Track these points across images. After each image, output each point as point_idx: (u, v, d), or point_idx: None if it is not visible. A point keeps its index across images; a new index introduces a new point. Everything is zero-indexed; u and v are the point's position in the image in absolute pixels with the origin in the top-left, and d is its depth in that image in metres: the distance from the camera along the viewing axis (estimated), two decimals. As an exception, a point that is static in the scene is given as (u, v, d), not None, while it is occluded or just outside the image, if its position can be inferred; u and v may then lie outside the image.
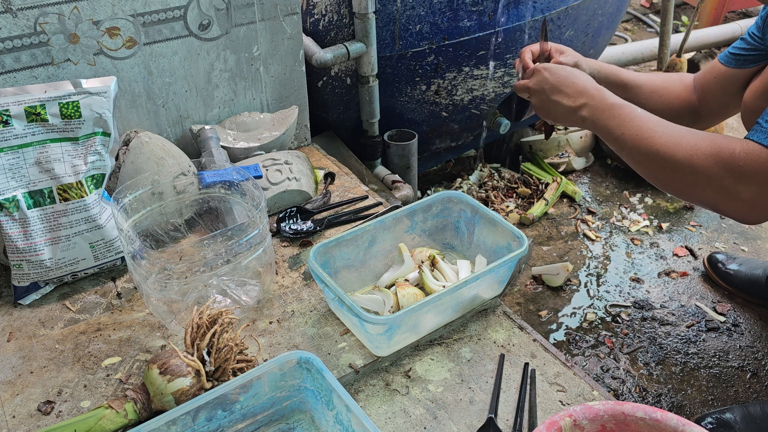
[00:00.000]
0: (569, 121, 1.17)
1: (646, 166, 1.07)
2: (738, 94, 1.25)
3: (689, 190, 1.03)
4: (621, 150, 1.09)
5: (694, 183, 1.01)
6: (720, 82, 1.29)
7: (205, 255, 0.97)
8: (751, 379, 1.52)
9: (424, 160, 2.11)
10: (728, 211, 1.01)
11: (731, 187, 0.97)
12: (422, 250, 1.16)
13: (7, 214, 1.06)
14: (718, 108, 1.32)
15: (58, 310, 1.12)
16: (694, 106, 1.34)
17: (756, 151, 0.94)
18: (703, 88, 1.33)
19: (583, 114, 1.12)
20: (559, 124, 1.21)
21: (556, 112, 1.18)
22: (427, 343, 1.05)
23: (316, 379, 0.85)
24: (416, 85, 1.80)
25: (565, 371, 1.00)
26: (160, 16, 1.27)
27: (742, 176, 0.95)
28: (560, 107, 1.16)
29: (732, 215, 1.02)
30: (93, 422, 0.85)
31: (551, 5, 1.82)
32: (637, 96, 1.33)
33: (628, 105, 1.10)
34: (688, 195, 1.05)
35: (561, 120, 1.18)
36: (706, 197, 1.01)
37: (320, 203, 1.37)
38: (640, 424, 0.75)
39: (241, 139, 1.42)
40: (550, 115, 1.20)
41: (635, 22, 3.66)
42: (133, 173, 1.21)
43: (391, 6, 1.64)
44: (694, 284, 1.80)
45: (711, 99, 1.32)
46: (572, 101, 1.14)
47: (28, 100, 1.04)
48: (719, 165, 0.97)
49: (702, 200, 1.03)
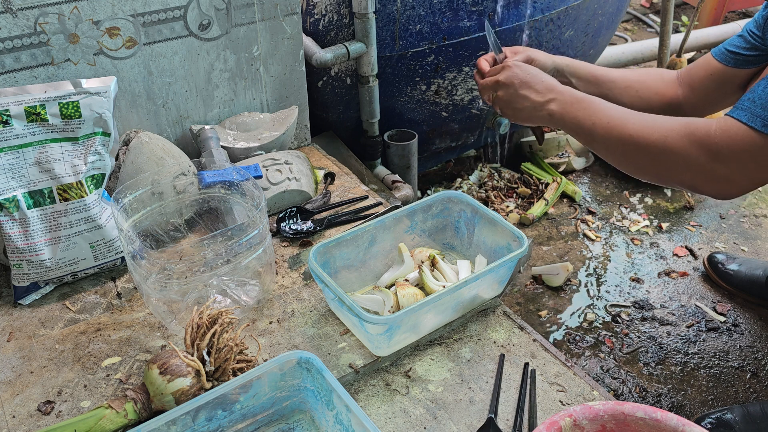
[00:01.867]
0: (534, 117, 1.15)
1: (621, 154, 1.07)
2: (735, 93, 1.24)
3: (666, 173, 1.03)
4: (592, 141, 1.09)
5: (670, 165, 1.00)
6: (716, 79, 1.26)
7: (205, 255, 0.97)
8: (751, 379, 1.52)
9: (424, 160, 2.11)
10: (706, 190, 1.01)
11: (707, 165, 0.96)
12: (422, 250, 1.16)
13: (7, 214, 1.06)
14: (707, 104, 1.29)
15: (58, 310, 1.12)
16: (676, 101, 1.31)
17: (734, 128, 0.93)
18: (694, 83, 1.29)
19: (551, 108, 1.12)
20: (521, 121, 1.19)
21: (521, 106, 1.16)
22: (427, 343, 1.05)
23: (316, 379, 0.85)
24: (416, 85, 1.80)
25: (565, 371, 1.00)
26: (160, 16, 1.27)
27: (719, 154, 0.94)
28: (527, 101, 1.15)
29: (709, 193, 1.02)
30: (93, 422, 0.85)
31: (551, 5, 1.82)
32: (611, 91, 1.30)
33: (597, 98, 1.10)
34: (665, 178, 1.05)
35: (524, 116, 1.17)
36: (683, 178, 1.01)
37: (320, 203, 1.37)
38: (640, 424, 0.75)
39: (241, 139, 1.42)
40: (515, 110, 1.18)
41: (635, 22, 3.66)
42: (133, 173, 1.21)
43: (391, 6, 1.64)
44: (694, 284, 1.80)
45: (702, 94, 1.28)
46: (541, 96, 1.13)
47: (28, 100, 1.04)
48: (695, 144, 0.96)
49: (680, 181, 1.03)
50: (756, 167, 0.94)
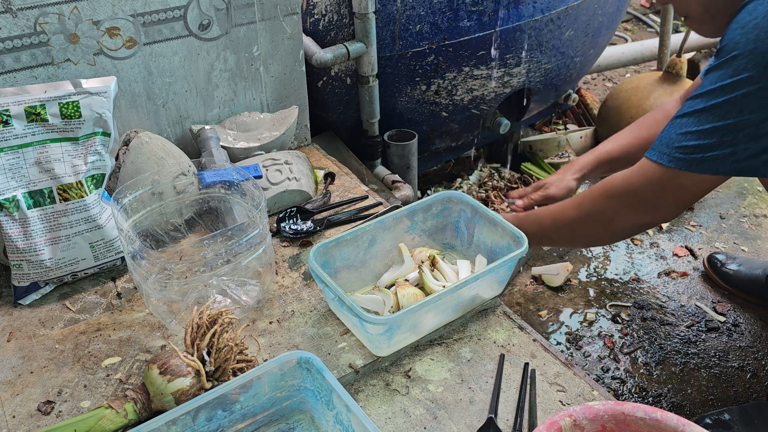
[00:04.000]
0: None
1: (573, 238, 1.25)
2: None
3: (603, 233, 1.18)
4: (553, 242, 1.28)
5: (605, 224, 1.14)
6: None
7: (205, 255, 0.97)
8: (751, 379, 1.52)
9: (424, 160, 2.11)
10: (650, 225, 1.14)
11: (630, 208, 1.09)
12: (422, 250, 1.16)
13: (7, 214, 1.06)
14: None
15: (58, 310, 1.12)
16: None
17: (648, 168, 1.05)
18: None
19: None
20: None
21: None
22: (427, 343, 1.05)
23: (316, 379, 0.85)
24: (416, 85, 1.80)
25: (565, 371, 1.00)
26: (160, 16, 1.27)
27: (638, 192, 1.06)
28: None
29: (654, 223, 1.14)
30: (93, 422, 0.85)
31: (551, 5, 1.82)
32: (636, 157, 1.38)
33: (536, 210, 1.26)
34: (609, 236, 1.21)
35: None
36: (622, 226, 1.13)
37: (320, 203, 1.37)
38: (640, 424, 0.75)
39: (241, 139, 1.42)
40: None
41: (635, 22, 3.66)
42: (133, 173, 1.21)
43: (391, 6, 1.64)
44: (694, 284, 1.80)
45: None
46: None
47: (28, 100, 1.04)
48: (609, 197, 1.11)
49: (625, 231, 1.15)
50: (676, 194, 1.04)
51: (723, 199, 2.14)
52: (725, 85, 0.94)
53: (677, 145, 1.00)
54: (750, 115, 0.93)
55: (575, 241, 1.41)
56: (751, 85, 0.92)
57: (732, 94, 0.93)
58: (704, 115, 0.97)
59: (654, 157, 1.03)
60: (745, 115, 0.93)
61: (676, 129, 1.01)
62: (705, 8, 1.07)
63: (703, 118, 0.97)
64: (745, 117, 0.93)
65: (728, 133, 0.95)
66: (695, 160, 0.98)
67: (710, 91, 0.96)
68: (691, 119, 0.98)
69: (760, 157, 0.96)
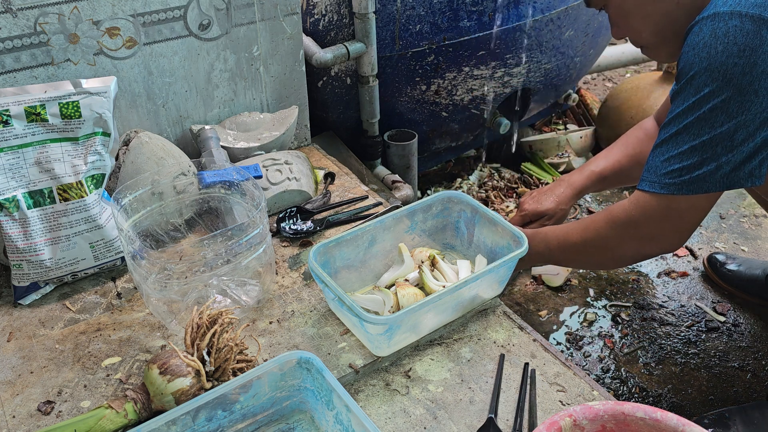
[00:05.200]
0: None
1: (579, 262, 1.29)
2: None
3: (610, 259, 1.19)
4: (560, 263, 1.26)
5: (607, 251, 1.15)
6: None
7: (205, 255, 0.97)
8: (751, 379, 1.52)
9: (424, 160, 2.11)
10: (653, 252, 1.13)
11: (635, 237, 1.10)
12: (422, 250, 1.16)
13: (7, 214, 1.06)
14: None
15: (58, 310, 1.12)
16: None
17: (642, 199, 1.06)
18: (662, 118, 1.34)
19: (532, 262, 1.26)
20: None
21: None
22: (427, 343, 1.05)
23: (316, 379, 0.85)
24: (416, 85, 1.80)
25: (565, 371, 1.00)
26: (160, 16, 1.27)
27: (638, 224, 1.08)
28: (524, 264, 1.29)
29: (656, 253, 1.14)
30: (93, 422, 0.85)
31: (551, 5, 1.82)
32: (630, 175, 1.41)
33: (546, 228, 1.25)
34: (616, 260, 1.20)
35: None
36: (626, 254, 1.14)
37: (320, 203, 1.37)
38: (640, 424, 0.75)
39: (241, 139, 1.42)
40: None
41: (635, 22, 3.65)
42: (133, 173, 1.21)
43: (391, 6, 1.64)
44: (694, 284, 1.80)
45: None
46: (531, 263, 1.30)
47: (28, 100, 1.04)
48: (616, 226, 1.11)
49: (629, 257, 1.15)
50: (675, 221, 1.06)
51: (723, 199, 2.14)
52: (691, 104, 0.97)
53: (663, 171, 1.02)
54: (721, 128, 0.95)
55: (582, 265, 1.47)
56: (715, 98, 0.95)
57: (700, 110, 0.96)
58: (680, 137, 0.99)
59: (646, 187, 1.05)
60: (716, 129, 0.96)
61: (659, 157, 1.03)
62: (656, 36, 1.10)
63: (679, 140, 1.00)
64: (717, 131, 0.96)
65: (706, 149, 0.97)
66: (684, 182, 1.00)
67: (679, 114, 0.99)
68: (669, 144, 1.01)
69: (743, 169, 0.98)
